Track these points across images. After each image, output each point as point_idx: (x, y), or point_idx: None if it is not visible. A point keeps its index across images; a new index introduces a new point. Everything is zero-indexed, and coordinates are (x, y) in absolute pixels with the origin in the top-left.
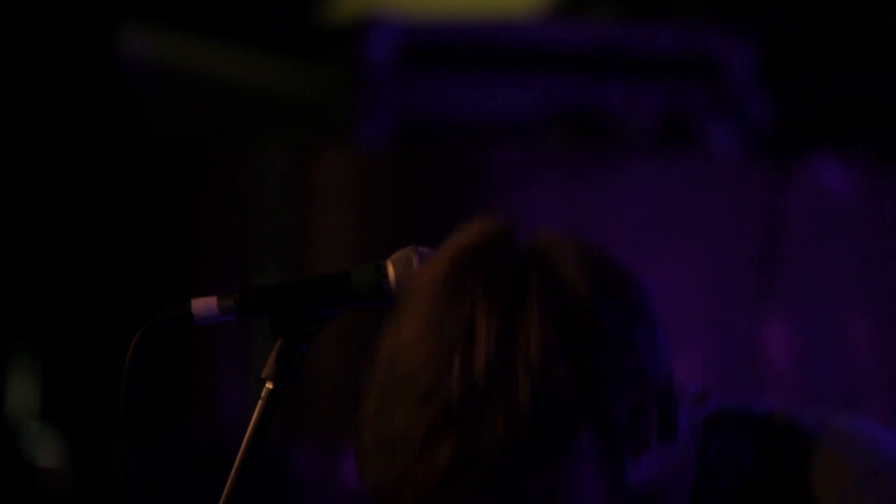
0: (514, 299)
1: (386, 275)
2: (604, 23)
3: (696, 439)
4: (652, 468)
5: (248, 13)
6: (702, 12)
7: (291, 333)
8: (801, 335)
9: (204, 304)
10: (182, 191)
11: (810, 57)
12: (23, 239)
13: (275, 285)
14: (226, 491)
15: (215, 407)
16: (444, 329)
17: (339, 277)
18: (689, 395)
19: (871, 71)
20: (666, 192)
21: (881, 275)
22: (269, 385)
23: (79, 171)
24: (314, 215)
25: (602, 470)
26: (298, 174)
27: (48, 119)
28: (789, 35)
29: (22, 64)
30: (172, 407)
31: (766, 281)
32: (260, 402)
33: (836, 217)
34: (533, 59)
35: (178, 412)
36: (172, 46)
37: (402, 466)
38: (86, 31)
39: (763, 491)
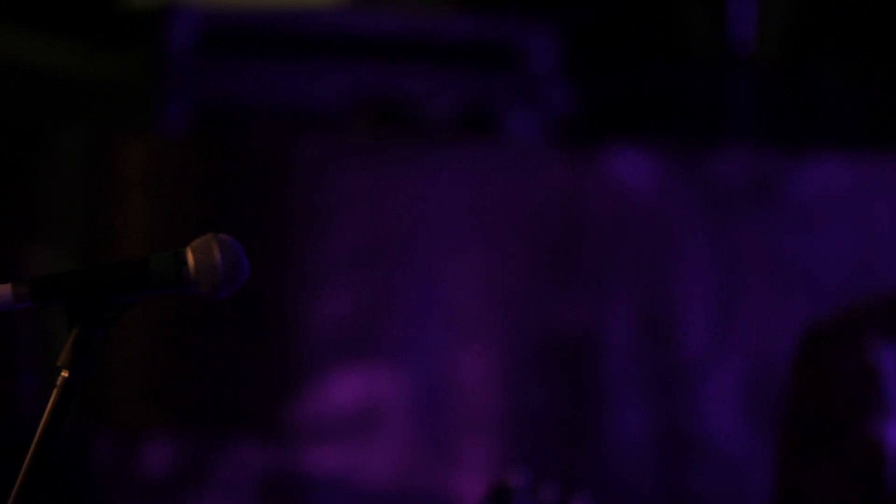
0: None
1: (185, 262)
2: (406, 11)
3: None
4: None
5: None
6: (503, 1)
7: (88, 321)
8: (597, 324)
9: None
10: None
11: (612, 47)
12: None
13: (71, 272)
14: (18, 481)
15: (10, 396)
16: None
17: (137, 264)
18: None
19: (672, 62)
20: (468, 180)
21: (662, 266)
22: (64, 373)
23: None
24: (113, 203)
25: None
26: (96, 161)
27: None
28: (591, 25)
29: None
30: None
31: (564, 270)
32: (55, 391)
33: (633, 207)
34: (336, 46)
35: None
36: None
37: None
38: None
39: None
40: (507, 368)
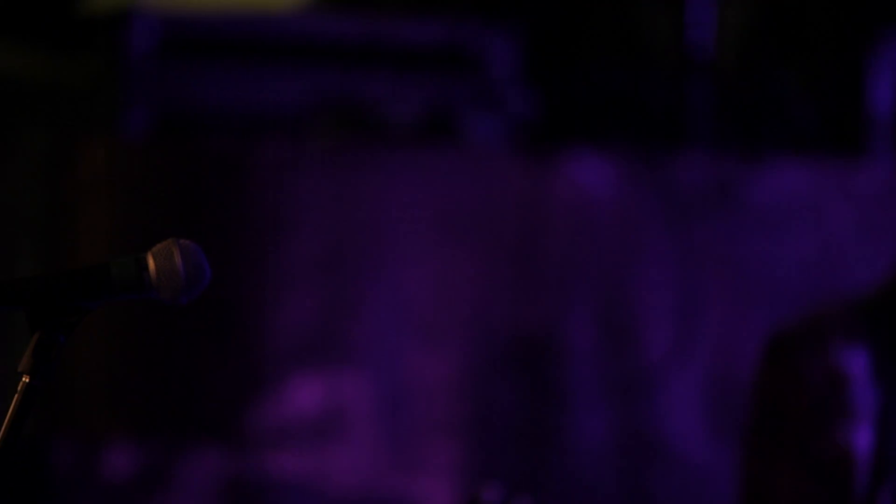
0: None
1: (146, 267)
2: (368, 15)
3: None
4: None
5: (5, 1)
6: (464, 6)
7: (49, 326)
8: (560, 328)
9: None
10: None
11: (572, 52)
12: None
13: (32, 277)
14: None
15: None
16: None
17: (98, 270)
18: None
19: (632, 67)
20: (430, 185)
21: (623, 270)
22: (25, 379)
23: None
24: (75, 207)
25: None
26: (57, 166)
27: None
28: (551, 30)
29: None
30: None
31: (526, 275)
32: (16, 396)
33: (594, 211)
34: (297, 50)
35: None
36: None
37: None
38: None
39: None
40: (470, 373)
